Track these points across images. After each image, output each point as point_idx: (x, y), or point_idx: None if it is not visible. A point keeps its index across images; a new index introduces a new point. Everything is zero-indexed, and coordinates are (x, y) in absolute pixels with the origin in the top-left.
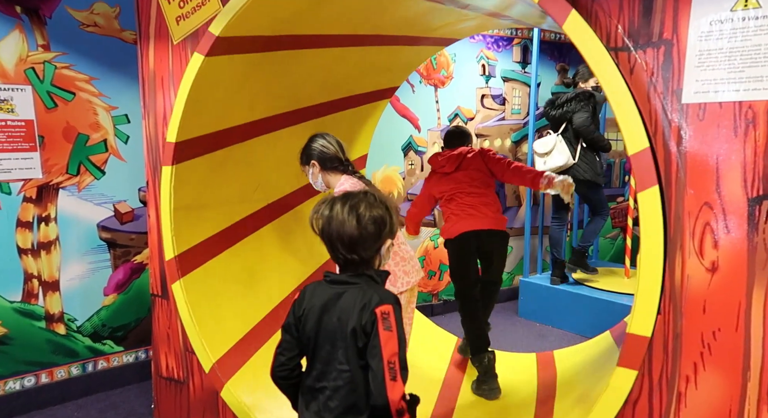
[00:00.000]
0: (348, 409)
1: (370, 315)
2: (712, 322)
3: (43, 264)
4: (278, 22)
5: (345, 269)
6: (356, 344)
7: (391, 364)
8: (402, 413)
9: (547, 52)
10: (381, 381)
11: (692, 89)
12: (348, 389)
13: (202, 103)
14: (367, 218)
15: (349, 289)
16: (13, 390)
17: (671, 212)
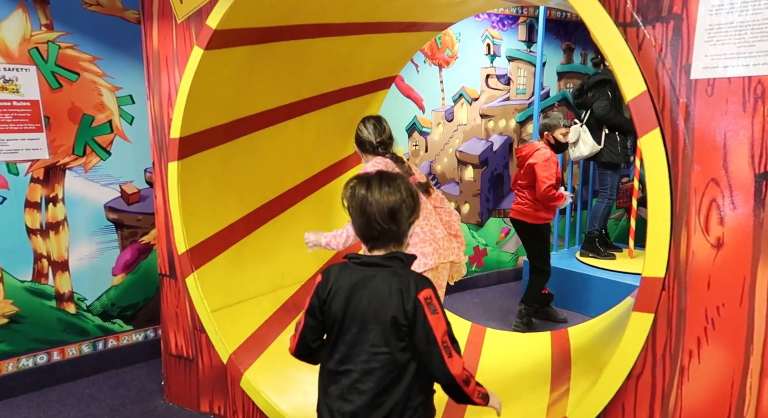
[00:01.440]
0: (384, 389)
1: (414, 302)
2: (716, 297)
3: (52, 244)
4: (276, 12)
5: (376, 245)
6: (398, 328)
7: (444, 343)
8: (468, 380)
9: (553, 30)
10: (441, 361)
11: (701, 64)
12: (385, 371)
13: (205, 97)
14: (404, 189)
15: (380, 272)
16: (26, 367)
17: (677, 188)
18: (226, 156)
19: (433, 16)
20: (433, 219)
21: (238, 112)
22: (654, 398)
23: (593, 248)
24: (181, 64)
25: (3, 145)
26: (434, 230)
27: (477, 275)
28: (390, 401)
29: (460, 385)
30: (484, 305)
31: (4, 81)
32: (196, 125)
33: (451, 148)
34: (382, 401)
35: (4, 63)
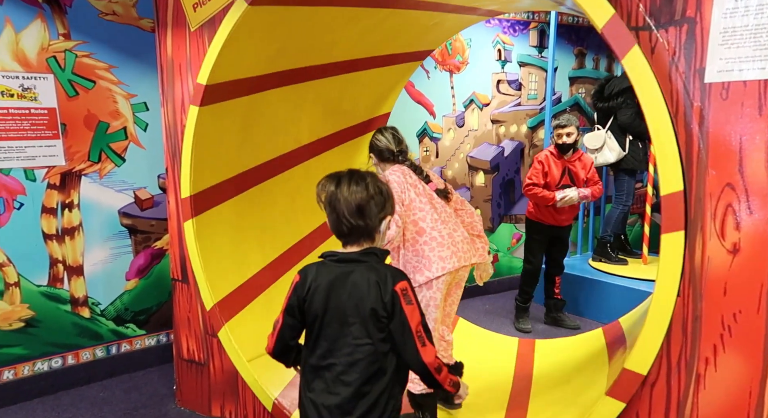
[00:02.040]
0: (369, 377)
1: (392, 294)
2: (733, 304)
3: (68, 249)
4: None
5: (349, 240)
6: (378, 319)
7: (419, 333)
8: (440, 369)
9: (564, 36)
10: (414, 350)
11: (716, 68)
12: (369, 361)
13: (209, 152)
14: (373, 186)
15: (357, 268)
16: (41, 371)
17: (692, 193)
18: (239, 209)
19: (410, 46)
20: (452, 223)
21: (243, 165)
22: (669, 406)
23: (605, 253)
24: (194, 71)
25: (21, 152)
26: (453, 234)
27: (488, 281)
28: (375, 390)
29: (432, 372)
30: (496, 311)
31: (23, 89)
32: (205, 182)
33: (462, 153)
34: (368, 390)
35: (23, 72)
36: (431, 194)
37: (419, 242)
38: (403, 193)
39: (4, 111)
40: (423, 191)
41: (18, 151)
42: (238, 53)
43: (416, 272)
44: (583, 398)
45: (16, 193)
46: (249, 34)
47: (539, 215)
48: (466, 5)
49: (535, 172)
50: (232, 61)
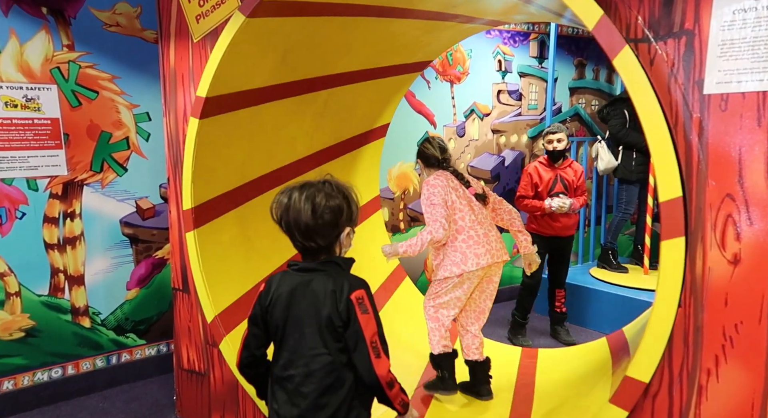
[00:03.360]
0: (326, 389)
1: (346, 302)
2: (734, 315)
3: (69, 259)
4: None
5: (305, 256)
6: (334, 329)
7: (373, 343)
8: (392, 384)
9: (564, 46)
10: (367, 361)
11: (714, 79)
12: (325, 372)
13: (234, 62)
14: (323, 206)
15: (317, 276)
16: (41, 381)
17: (692, 204)
18: (241, 219)
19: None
20: (487, 224)
21: (245, 176)
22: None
23: (606, 260)
24: (196, 81)
25: (24, 162)
26: (488, 234)
27: None
28: (333, 402)
29: (384, 387)
30: (497, 321)
31: (27, 99)
32: (206, 193)
33: (463, 163)
34: (325, 402)
35: (27, 82)
36: (470, 198)
37: (458, 240)
38: (446, 195)
39: (7, 121)
40: (463, 195)
41: (21, 161)
42: (238, 65)
43: (453, 265)
44: (586, 405)
45: (18, 202)
46: (248, 46)
47: (537, 226)
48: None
49: (523, 185)
50: (232, 73)
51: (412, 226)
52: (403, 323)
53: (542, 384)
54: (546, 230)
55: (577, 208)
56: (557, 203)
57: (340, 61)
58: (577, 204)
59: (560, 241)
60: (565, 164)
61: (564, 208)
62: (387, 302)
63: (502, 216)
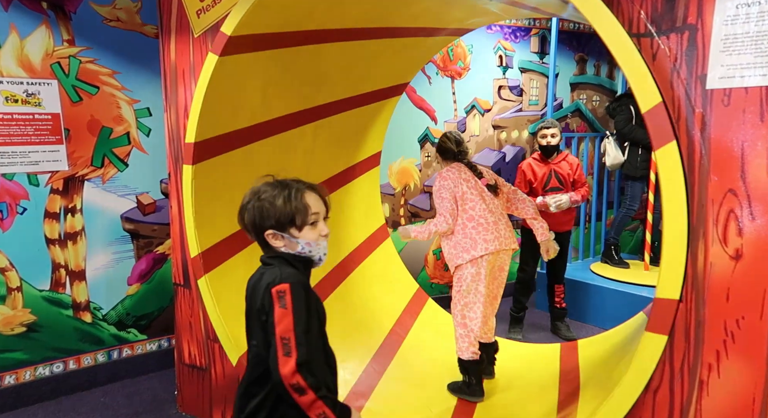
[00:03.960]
0: (252, 382)
1: (268, 295)
2: (735, 310)
3: (70, 254)
4: (289, 17)
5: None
6: (260, 320)
7: (284, 340)
8: (301, 390)
9: (565, 42)
10: (274, 357)
11: (717, 74)
12: (254, 363)
13: (220, 103)
14: (243, 203)
15: (267, 269)
16: (42, 376)
17: (694, 199)
18: (241, 161)
19: (448, 23)
20: (498, 213)
21: (253, 118)
22: (672, 413)
23: (608, 255)
24: (197, 76)
25: (24, 157)
26: (498, 223)
27: None
28: (260, 394)
29: (289, 390)
30: (498, 315)
31: (27, 95)
32: (211, 130)
33: None
34: (255, 392)
35: (27, 77)
36: (482, 188)
37: (468, 227)
38: (456, 186)
39: (8, 116)
40: (475, 185)
41: (22, 156)
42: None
43: (464, 251)
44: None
45: (19, 197)
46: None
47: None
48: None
49: (517, 182)
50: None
51: (413, 221)
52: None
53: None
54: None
55: (578, 201)
56: (554, 203)
57: (320, 92)
58: (577, 197)
59: (557, 237)
60: (559, 158)
61: (562, 205)
62: (414, 323)
63: (516, 205)
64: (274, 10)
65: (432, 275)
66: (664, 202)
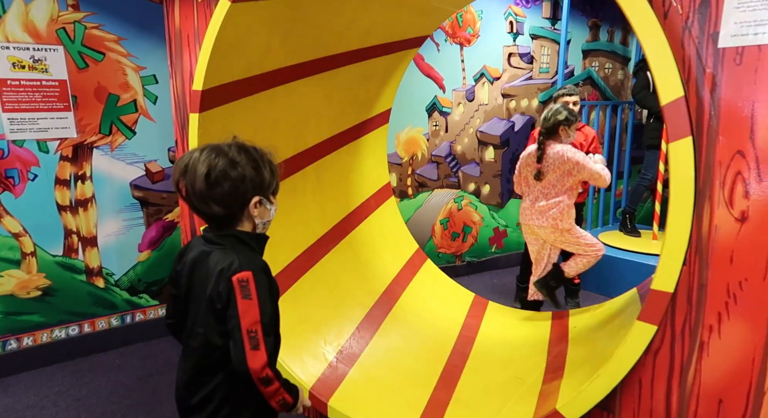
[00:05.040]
0: (201, 371)
1: (227, 283)
2: (739, 272)
3: (81, 220)
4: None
5: (210, 226)
6: (214, 308)
7: (251, 333)
8: (268, 382)
9: (578, 7)
10: (241, 351)
11: (730, 32)
12: (202, 353)
13: (227, 51)
14: (219, 171)
15: (215, 249)
16: (59, 338)
17: (701, 161)
18: (249, 110)
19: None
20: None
21: (263, 67)
22: (672, 373)
23: (623, 223)
24: (201, 42)
25: (33, 124)
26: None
27: (497, 256)
28: (210, 384)
29: (257, 383)
30: (504, 286)
31: (34, 61)
32: (219, 78)
33: (472, 128)
34: (203, 382)
35: (33, 43)
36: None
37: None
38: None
39: (15, 83)
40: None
41: (31, 122)
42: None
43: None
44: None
45: (29, 164)
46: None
47: None
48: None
49: None
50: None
51: (420, 191)
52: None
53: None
54: None
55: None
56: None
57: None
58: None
59: None
60: None
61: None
62: (411, 282)
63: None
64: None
65: (439, 244)
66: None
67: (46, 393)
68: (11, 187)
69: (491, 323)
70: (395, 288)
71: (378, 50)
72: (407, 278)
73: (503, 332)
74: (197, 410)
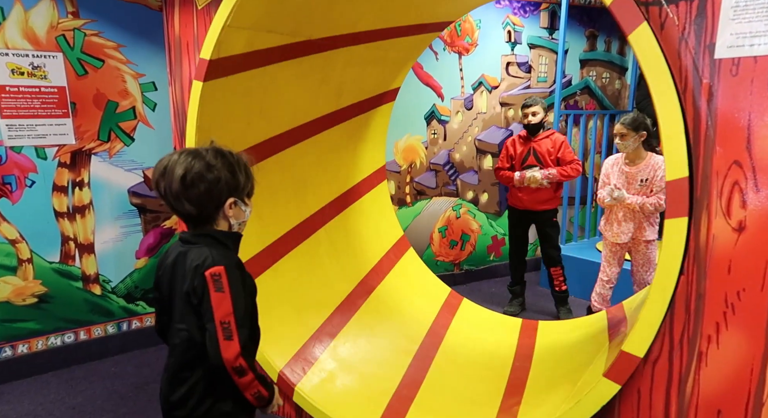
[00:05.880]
0: (182, 366)
1: (201, 278)
2: (736, 282)
3: (79, 227)
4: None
5: (187, 225)
6: (191, 304)
7: (224, 324)
8: (242, 372)
9: (576, 17)
10: (215, 341)
11: (726, 43)
12: (183, 348)
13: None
14: (195, 174)
15: (192, 249)
16: (54, 345)
17: (699, 171)
18: (257, 87)
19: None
20: None
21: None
22: (671, 383)
23: None
24: (201, 49)
25: (32, 130)
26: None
27: (495, 264)
28: (191, 380)
29: (231, 372)
30: (502, 294)
31: (33, 67)
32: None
33: (470, 136)
34: (185, 377)
35: (33, 50)
36: None
37: None
38: None
39: (14, 89)
40: None
41: (29, 129)
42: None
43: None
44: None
45: (27, 170)
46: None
47: (510, 198)
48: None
49: (501, 156)
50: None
51: (419, 199)
52: (405, 292)
53: (540, 355)
54: (516, 202)
55: (556, 177)
56: (536, 174)
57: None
58: (556, 174)
59: (536, 215)
60: (541, 136)
61: (531, 180)
62: (391, 271)
63: None
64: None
65: (437, 252)
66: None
67: (41, 401)
68: (8, 193)
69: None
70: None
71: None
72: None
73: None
74: (179, 405)
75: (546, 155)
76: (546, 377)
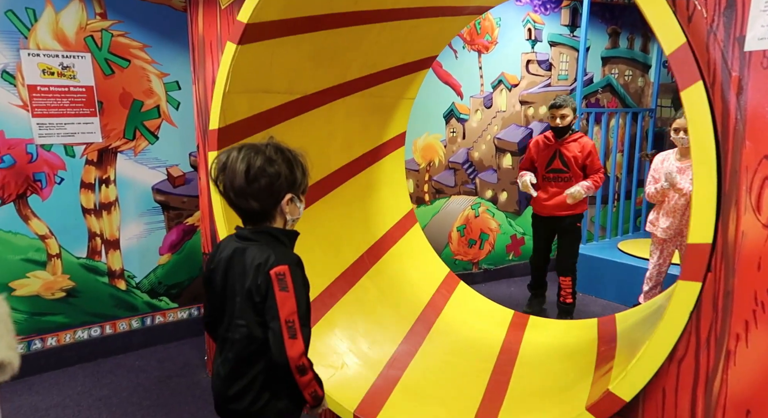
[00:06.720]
0: (241, 361)
1: (265, 277)
2: (767, 279)
3: (105, 223)
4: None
5: (244, 221)
6: (253, 301)
7: (289, 323)
8: (304, 370)
9: (597, 14)
10: (280, 340)
11: (757, 35)
12: (244, 344)
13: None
14: (258, 169)
15: (251, 246)
16: (81, 339)
17: (727, 166)
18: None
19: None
20: None
21: (282, 98)
22: (697, 382)
23: None
24: (224, 49)
25: (61, 129)
26: None
27: (514, 263)
28: (249, 375)
29: (293, 371)
30: (521, 293)
31: (63, 67)
32: (235, 115)
33: (490, 135)
34: (244, 372)
35: (63, 50)
36: None
37: None
38: None
39: (45, 89)
40: None
41: (58, 127)
42: None
43: None
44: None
45: (56, 168)
46: None
47: (534, 205)
48: None
49: (525, 157)
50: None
51: (437, 198)
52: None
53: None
54: (540, 209)
55: (591, 189)
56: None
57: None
58: (591, 186)
59: (559, 221)
60: (569, 139)
61: (575, 195)
62: (394, 245)
63: None
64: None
65: (456, 251)
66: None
67: (69, 393)
68: (39, 190)
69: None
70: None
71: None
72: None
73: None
74: (236, 399)
75: (572, 160)
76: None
